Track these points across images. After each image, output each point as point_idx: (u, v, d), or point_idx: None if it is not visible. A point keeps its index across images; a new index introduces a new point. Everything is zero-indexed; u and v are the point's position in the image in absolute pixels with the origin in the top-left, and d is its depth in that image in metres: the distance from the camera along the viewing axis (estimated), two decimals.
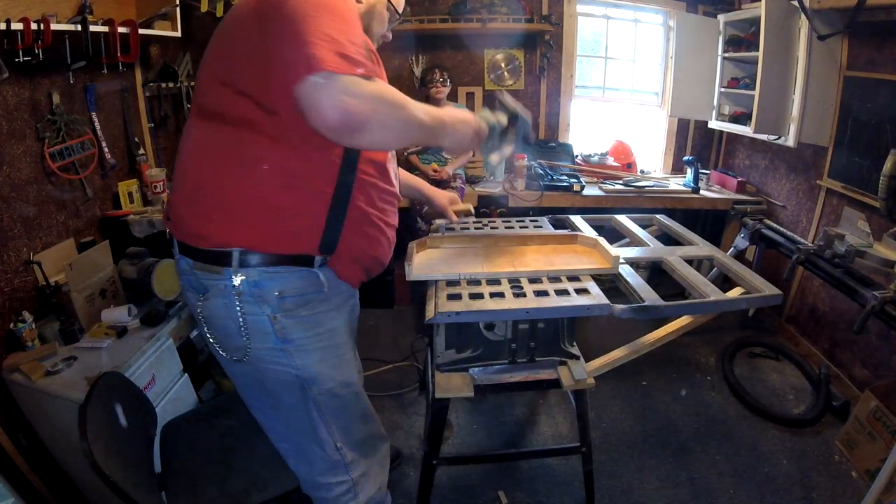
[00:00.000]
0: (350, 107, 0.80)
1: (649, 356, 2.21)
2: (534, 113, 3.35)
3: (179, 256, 1.03)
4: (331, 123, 0.80)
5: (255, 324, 0.98)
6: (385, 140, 0.92)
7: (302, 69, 0.79)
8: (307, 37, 0.80)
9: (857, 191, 2.20)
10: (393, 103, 0.86)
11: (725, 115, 2.97)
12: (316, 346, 1.03)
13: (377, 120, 0.83)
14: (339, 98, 0.79)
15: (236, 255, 0.94)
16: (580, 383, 1.38)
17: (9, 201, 1.62)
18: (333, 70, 0.79)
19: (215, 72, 0.96)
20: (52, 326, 1.64)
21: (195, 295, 1.01)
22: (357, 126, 0.81)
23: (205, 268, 0.97)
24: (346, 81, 0.80)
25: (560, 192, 2.86)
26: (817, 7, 2.10)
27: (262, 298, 0.96)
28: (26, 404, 1.56)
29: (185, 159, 1.01)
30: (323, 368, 1.05)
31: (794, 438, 2.04)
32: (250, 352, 0.99)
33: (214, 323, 1.01)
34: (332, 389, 1.08)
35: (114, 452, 0.97)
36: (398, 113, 0.87)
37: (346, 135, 0.83)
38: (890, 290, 1.62)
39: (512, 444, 2.03)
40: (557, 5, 3.12)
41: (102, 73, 1.95)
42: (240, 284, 0.95)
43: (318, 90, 0.79)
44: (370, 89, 0.83)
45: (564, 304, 1.25)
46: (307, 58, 0.79)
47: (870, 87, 2.14)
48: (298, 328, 1.00)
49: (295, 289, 0.98)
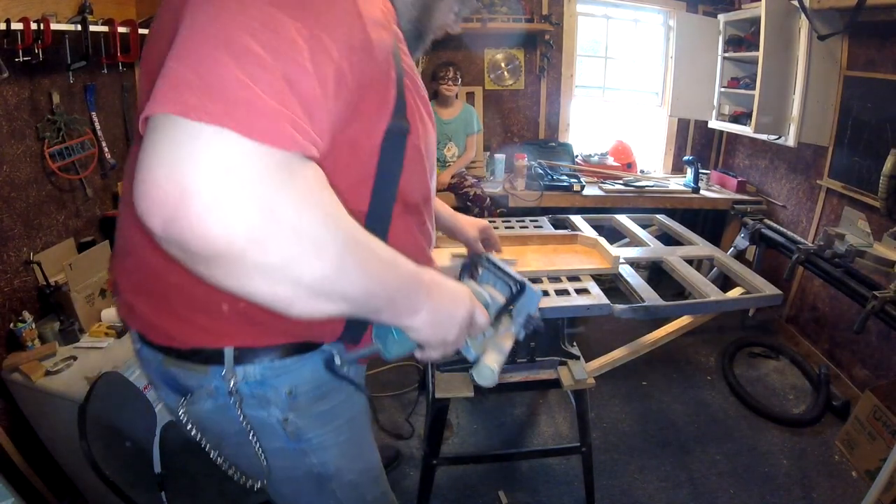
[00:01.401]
0: (206, 206, 0.39)
1: (649, 356, 2.22)
2: (534, 113, 3.35)
3: (140, 344, 0.74)
4: (151, 226, 0.40)
5: (259, 428, 0.73)
6: (280, 293, 0.45)
7: (155, 99, 0.41)
8: (211, 33, 0.43)
9: (857, 191, 2.20)
10: (327, 220, 0.45)
11: (725, 115, 2.97)
12: (335, 440, 0.81)
13: (268, 248, 0.42)
14: (192, 181, 0.39)
15: (229, 354, 0.67)
16: (580, 383, 1.38)
17: (9, 201, 1.62)
18: (211, 121, 0.39)
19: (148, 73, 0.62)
20: (52, 326, 1.64)
21: (173, 396, 0.73)
22: (210, 250, 0.40)
23: (182, 365, 0.70)
24: (227, 150, 0.40)
25: (560, 192, 2.86)
26: (817, 7, 2.10)
27: (268, 400, 0.71)
28: (26, 404, 1.56)
29: (128, 221, 0.67)
30: (343, 463, 0.84)
31: (794, 438, 2.04)
32: (266, 460, 0.75)
33: (207, 428, 0.75)
34: (352, 481, 0.87)
35: (114, 452, 0.96)
36: (331, 240, 0.46)
37: (184, 258, 0.43)
38: (890, 290, 1.61)
39: (512, 444, 2.03)
40: (557, 5, 3.12)
41: (102, 73, 1.95)
42: (237, 386, 0.68)
43: (155, 148, 0.40)
44: (279, 184, 0.42)
45: (564, 304, 1.25)
46: (172, 80, 0.41)
47: (870, 87, 2.14)
48: (315, 426, 0.77)
49: (308, 382, 0.73)
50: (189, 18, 0.45)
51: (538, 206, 2.81)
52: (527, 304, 0.78)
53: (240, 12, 0.44)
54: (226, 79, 0.40)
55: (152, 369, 0.75)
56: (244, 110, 0.40)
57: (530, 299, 0.78)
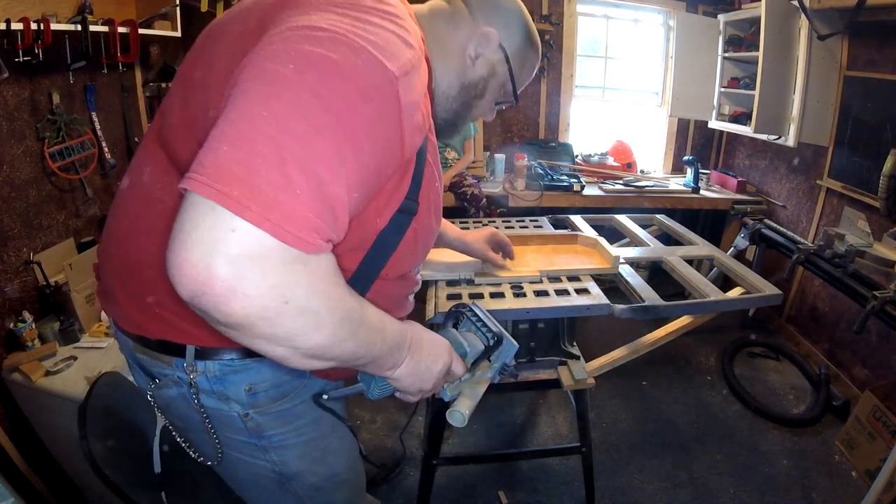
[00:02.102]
0: (217, 288, 0.45)
1: (649, 356, 2.21)
2: (534, 113, 3.35)
3: (115, 328, 0.79)
4: (179, 292, 0.46)
5: (221, 419, 0.76)
6: (279, 353, 0.53)
7: (202, 174, 0.45)
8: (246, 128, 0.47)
9: (857, 191, 2.20)
10: (329, 303, 0.52)
11: (725, 115, 2.97)
12: (296, 440, 0.81)
13: (266, 330, 0.49)
14: (224, 264, 0.44)
15: (191, 350, 0.70)
16: (580, 383, 1.38)
17: (9, 201, 1.62)
18: (258, 221, 0.45)
19: (184, 94, 0.66)
20: (52, 326, 1.64)
21: (143, 378, 0.78)
22: (228, 322, 0.47)
23: (149, 353, 0.74)
24: (262, 247, 0.45)
25: (560, 192, 2.86)
26: (817, 7, 2.09)
27: (228, 397, 0.73)
28: (26, 404, 1.56)
29: (121, 210, 0.73)
30: (304, 465, 0.85)
31: (794, 438, 2.04)
32: (221, 449, 0.78)
33: (173, 412, 0.79)
34: (314, 484, 0.88)
35: (114, 452, 0.96)
36: (329, 320, 0.52)
37: (203, 317, 0.49)
38: (890, 290, 1.61)
39: (512, 444, 2.03)
40: (557, 5, 3.12)
41: (102, 73, 1.95)
42: (196, 380, 0.71)
43: (195, 230, 0.45)
44: (295, 277, 0.48)
45: (564, 304, 1.25)
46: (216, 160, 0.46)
47: (870, 87, 2.14)
48: (275, 424, 0.78)
49: (268, 381, 0.74)
50: (244, 94, 0.49)
51: (538, 206, 2.81)
52: (503, 353, 0.83)
53: (292, 108, 0.48)
54: (268, 180, 0.45)
55: (126, 352, 0.80)
56: (278, 214, 0.45)
57: (507, 350, 0.83)
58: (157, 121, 0.71)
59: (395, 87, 0.54)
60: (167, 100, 0.70)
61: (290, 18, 0.54)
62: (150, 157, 0.70)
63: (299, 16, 0.54)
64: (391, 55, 0.54)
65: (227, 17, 0.68)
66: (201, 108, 0.60)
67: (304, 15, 0.54)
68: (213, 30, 0.69)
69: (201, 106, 0.60)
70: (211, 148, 0.46)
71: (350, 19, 0.54)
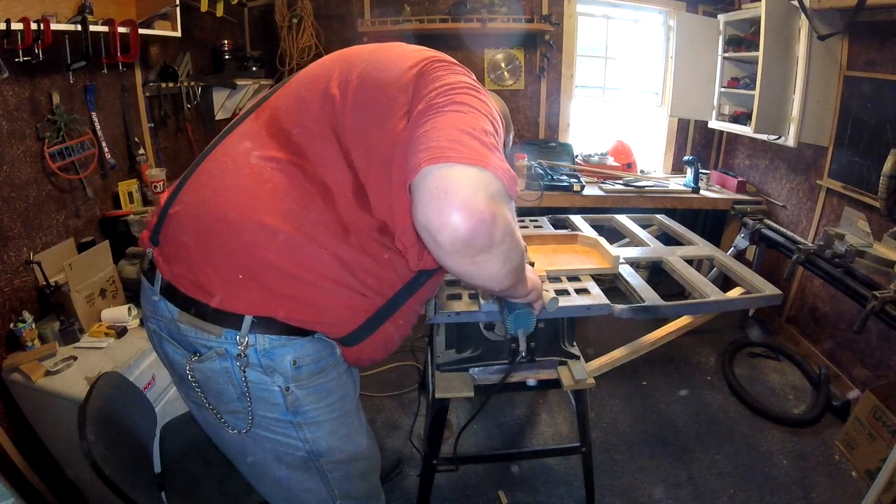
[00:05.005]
0: (488, 216, 0.62)
1: (649, 356, 2.22)
2: (534, 113, 3.35)
3: (159, 297, 0.83)
4: (465, 229, 0.62)
5: (261, 393, 0.82)
6: (494, 276, 0.71)
7: (442, 153, 0.65)
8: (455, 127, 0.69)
9: (857, 191, 2.20)
10: (516, 234, 0.71)
11: (725, 115, 2.96)
12: (328, 416, 0.90)
13: (504, 248, 0.67)
14: (481, 201, 0.62)
15: (247, 321, 0.77)
16: (580, 383, 1.38)
17: (9, 201, 1.62)
18: (486, 166, 0.64)
19: (330, 112, 0.80)
20: (52, 326, 1.63)
21: (181, 352, 0.84)
22: (484, 245, 0.64)
23: (197, 324, 0.79)
24: (495, 181, 0.65)
25: (560, 192, 2.86)
26: (817, 7, 2.10)
27: (274, 369, 0.81)
28: (26, 404, 1.56)
29: (228, 184, 0.81)
30: (333, 441, 0.93)
31: (794, 438, 2.04)
32: (252, 420, 0.84)
33: (209, 387, 0.84)
34: (340, 461, 0.96)
35: (114, 452, 0.96)
36: (519, 247, 0.72)
37: (466, 254, 0.64)
38: (890, 290, 1.62)
39: (512, 444, 2.03)
40: (557, 5, 3.12)
41: (102, 73, 1.95)
42: (246, 351, 0.78)
43: (456, 183, 0.62)
44: (508, 209, 0.68)
45: (564, 304, 1.25)
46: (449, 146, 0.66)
47: (870, 87, 2.14)
48: (312, 399, 0.86)
49: (310, 356, 0.84)
50: (425, 122, 0.70)
51: (538, 206, 2.80)
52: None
53: (473, 118, 0.71)
54: (477, 147, 0.66)
55: (162, 323, 0.85)
56: (502, 170, 0.67)
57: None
58: (265, 113, 0.87)
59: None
60: (287, 97, 0.87)
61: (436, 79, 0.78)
62: (258, 143, 0.82)
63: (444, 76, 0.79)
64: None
65: (355, 51, 0.90)
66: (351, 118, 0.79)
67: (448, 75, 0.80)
68: (348, 55, 0.88)
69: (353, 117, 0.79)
70: (430, 147, 0.66)
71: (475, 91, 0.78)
